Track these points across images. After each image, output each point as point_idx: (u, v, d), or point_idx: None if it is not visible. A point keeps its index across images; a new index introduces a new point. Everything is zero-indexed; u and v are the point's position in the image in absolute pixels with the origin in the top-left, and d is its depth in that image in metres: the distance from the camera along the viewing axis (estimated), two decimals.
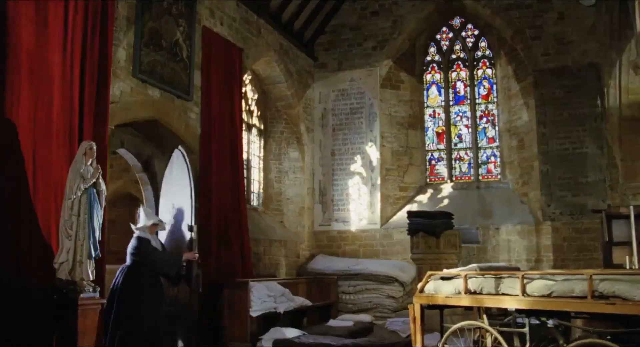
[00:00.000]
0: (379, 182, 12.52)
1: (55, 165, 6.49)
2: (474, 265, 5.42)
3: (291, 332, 8.69)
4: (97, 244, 6.27)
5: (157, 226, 7.50)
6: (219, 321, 8.30)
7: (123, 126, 8.42)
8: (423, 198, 12.76)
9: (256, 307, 8.73)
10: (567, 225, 11.45)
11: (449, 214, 9.98)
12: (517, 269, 5.67)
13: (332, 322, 10.09)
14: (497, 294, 4.87)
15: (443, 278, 5.37)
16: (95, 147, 6.44)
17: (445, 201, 12.51)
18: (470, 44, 13.40)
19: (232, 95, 9.97)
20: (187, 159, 8.25)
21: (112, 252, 10.00)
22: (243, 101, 10.80)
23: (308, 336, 8.76)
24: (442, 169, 13.17)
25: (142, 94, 8.11)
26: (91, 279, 6.21)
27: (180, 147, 8.38)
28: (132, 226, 7.33)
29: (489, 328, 4.86)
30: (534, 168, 11.89)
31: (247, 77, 11.54)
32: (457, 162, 13.15)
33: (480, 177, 12.89)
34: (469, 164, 13.05)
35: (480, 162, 12.98)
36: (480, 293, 5.00)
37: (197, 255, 7.81)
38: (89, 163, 6.38)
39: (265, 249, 10.91)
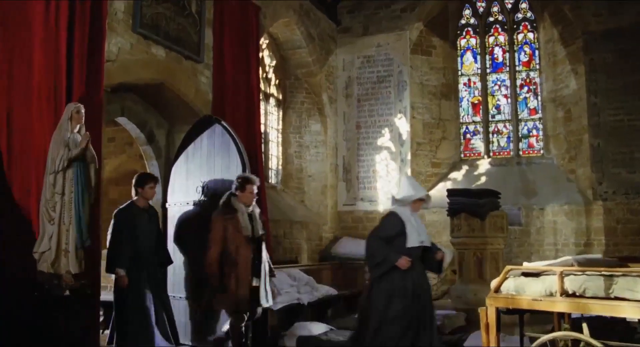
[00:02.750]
0: (409, 157, 11.33)
1: (36, 132, 5.27)
2: (568, 258, 4.12)
3: (317, 328, 7.49)
4: (87, 229, 5.04)
5: (422, 203, 5.46)
6: None
7: (123, 91, 7.18)
8: (457, 175, 11.52)
9: (278, 299, 7.52)
10: (621, 205, 10.14)
11: (495, 192, 8.72)
12: (622, 264, 4.34)
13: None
14: (608, 298, 3.58)
15: (526, 274, 4.08)
16: (83, 111, 5.19)
17: (482, 179, 11.25)
18: (509, 6, 12.04)
19: (248, 58, 8.67)
20: (236, 137, 6.92)
21: None
22: (260, 68, 9.47)
23: (337, 332, 7.56)
24: (478, 143, 11.90)
25: (144, 53, 6.85)
26: (79, 271, 4.99)
27: (222, 122, 7.07)
28: (393, 195, 5.56)
29: (597, 344, 3.56)
30: (583, 142, 10.55)
31: (263, 41, 10.27)
32: (495, 135, 11.89)
33: (521, 153, 11.59)
34: (508, 137, 11.77)
35: (520, 135, 11.69)
36: (582, 296, 3.71)
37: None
38: (76, 129, 5.13)
39: (285, 232, 9.70)
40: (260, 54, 9.81)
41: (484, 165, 11.55)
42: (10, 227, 4.93)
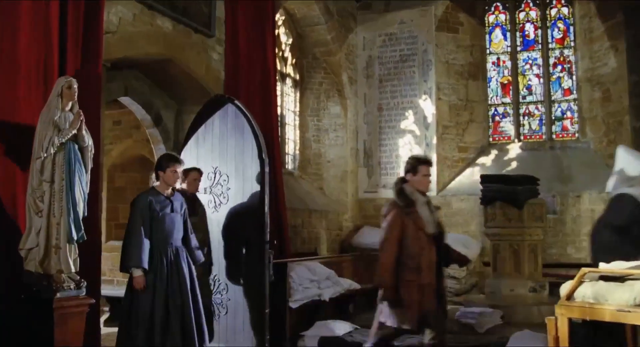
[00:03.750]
0: (434, 141, 10.59)
1: (23, 111, 4.57)
2: None
3: (340, 327, 6.80)
4: (80, 222, 4.33)
5: None
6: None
7: (126, 68, 6.46)
8: (486, 160, 10.76)
9: (297, 296, 6.85)
10: None
11: (533, 178, 7.96)
12: None
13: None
14: None
15: (605, 278, 3.30)
16: (76, 86, 4.47)
17: (513, 164, 10.45)
18: None
19: (264, 33, 7.92)
20: (251, 118, 6.19)
21: (122, 226, 8.21)
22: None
23: (362, 331, 6.85)
24: (508, 126, 11.10)
25: (149, 24, 6.13)
26: (73, 270, 4.30)
27: (235, 101, 6.32)
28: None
29: None
30: (623, 124, 9.70)
31: (279, 18, 9.51)
32: (526, 118, 11.07)
33: (554, 136, 10.76)
34: (540, 120, 10.95)
35: (553, 118, 10.87)
36: None
37: None
38: (67, 108, 4.42)
39: (303, 221, 9.00)
40: (276, 31, 9.03)
41: (514, 149, 10.75)
42: None
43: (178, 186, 5.17)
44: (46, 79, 4.76)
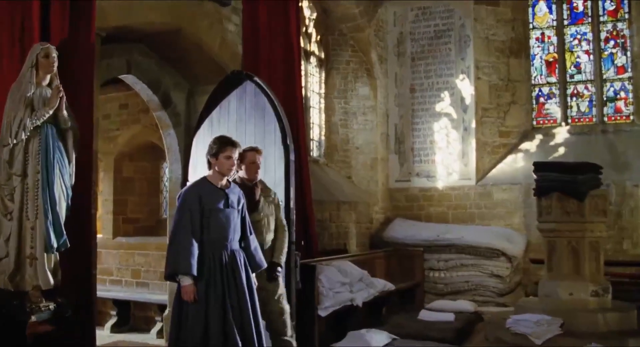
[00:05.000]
0: (473, 125, 9.60)
1: None
2: None
3: (377, 338, 5.86)
4: (62, 226, 3.41)
5: None
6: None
7: (128, 41, 5.51)
8: (530, 146, 9.73)
9: (326, 302, 5.93)
10: None
11: (595, 166, 6.85)
12: None
13: (424, 315, 7.19)
14: None
15: None
16: (55, 55, 3.52)
17: (561, 150, 9.40)
18: None
19: (286, 5, 6.91)
20: (273, 97, 5.36)
21: (130, 220, 7.42)
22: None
23: (401, 342, 5.91)
24: (553, 108, 9.98)
25: None
26: (52, 284, 3.39)
27: (255, 78, 5.49)
28: None
29: None
30: None
31: None
32: (575, 99, 9.93)
33: (606, 119, 9.66)
34: (590, 101, 9.82)
35: (605, 98, 9.73)
36: None
37: None
38: (44, 82, 3.47)
39: (331, 214, 8.06)
40: (299, 4, 8.01)
41: (561, 134, 9.67)
42: None
43: (240, 174, 4.35)
44: (23, 47, 3.82)
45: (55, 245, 3.36)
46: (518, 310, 6.92)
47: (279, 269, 4.46)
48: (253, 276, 4.03)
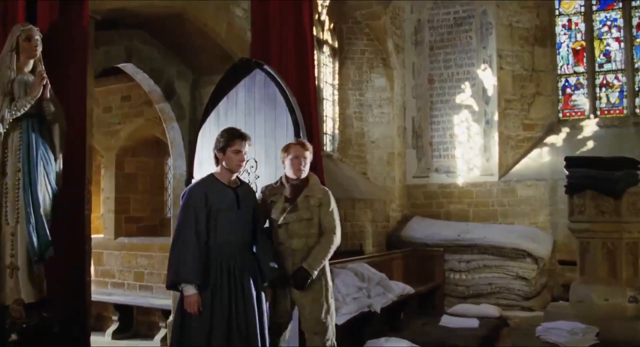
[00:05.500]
0: (496, 118, 9.20)
1: None
2: None
3: None
4: (47, 231, 3.03)
5: None
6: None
7: (129, 28, 5.13)
8: (556, 140, 9.29)
9: (343, 309, 5.52)
10: None
11: (633, 161, 6.47)
12: None
13: (446, 321, 6.81)
14: None
15: None
16: (38, 37, 3.12)
17: (589, 144, 8.97)
18: None
19: None
20: (285, 87, 4.97)
21: (133, 219, 7.08)
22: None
23: None
24: (581, 99, 9.53)
25: None
26: (36, 297, 3.01)
27: (265, 66, 5.11)
28: None
29: None
30: None
31: None
32: (604, 89, 9.47)
33: (638, 111, 9.20)
34: (621, 92, 9.36)
35: (637, 89, 9.28)
36: None
37: None
38: (26, 68, 3.09)
39: (346, 213, 7.67)
40: None
41: (589, 127, 9.22)
42: None
43: (290, 173, 3.83)
44: (6, 31, 3.44)
45: (38, 252, 2.98)
46: (548, 316, 6.52)
47: (309, 276, 3.71)
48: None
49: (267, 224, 3.88)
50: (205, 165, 5.26)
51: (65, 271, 3.51)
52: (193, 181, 4.04)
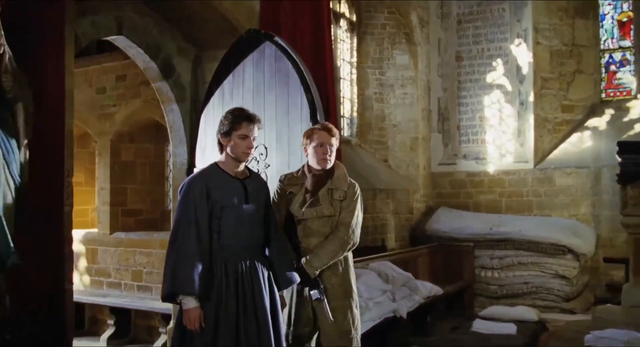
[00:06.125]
0: (531, 98, 8.69)
1: None
2: None
3: None
4: (7, 235, 2.56)
5: None
6: None
7: None
8: (599, 122, 8.75)
9: (365, 315, 5.05)
10: None
11: None
12: None
13: (479, 325, 6.33)
14: None
15: None
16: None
17: (637, 127, 8.49)
18: None
19: None
20: (299, 60, 4.51)
21: (131, 212, 6.68)
22: None
23: None
24: (627, 77, 8.94)
25: None
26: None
27: (276, 38, 4.68)
28: None
29: None
30: None
31: None
32: None
33: None
34: None
35: None
36: None
37: None
38: None
39: (366, 205, 7.10)
40: None
41: (636, 108, 8.62)
42: None
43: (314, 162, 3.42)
44: None
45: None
46: (597, 322, 6.00)
47: (307, 277, 3.31)
48: (277, 294, 3.21)
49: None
50: (208, 152, 4.96)
51: (38, 281, 3.08)
52: (195, 171, 3.59)
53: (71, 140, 3.53)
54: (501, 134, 8.79)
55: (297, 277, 3.28)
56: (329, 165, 3.42)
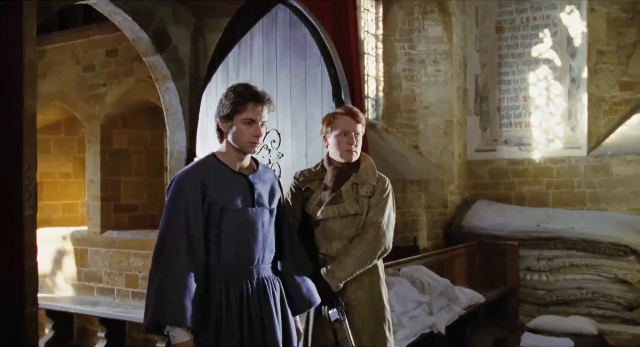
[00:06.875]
0: (584, 75, 8.15)
1: None
2: None
3: None
4: None
5: None
6: None
7: None
8: None
9: (399, 334, 4.56)
10: None
11: None
12: None
13: (530, 340, 5.96)
14: None
15: None
16: None
17: None
18: None
19: None
20: (319, 27, 4.11)
21: (125, 208, 6.38)
22: None
23: None
24: None
25: None
26: None
27: (289, 0, 4.25)
28: None
29: None
30: None
31: None
32: None
33: None
34: None
35: None
36: None
37: None
38: None
39: (396, 198, 6.61)
40: None
41: None
42: None
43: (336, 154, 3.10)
44: None
45: None
46: None
47: (330, 291, 2.92)
48: (292, 320, 2.76)
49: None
50: (211, 138, 4.44)
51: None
52: (195, 160, 3.10)
53: (33, 125, 3.03)
54: (549, 116, 8.31)
55: (317, 298, 2.82)
56: (354, 158, 3.07)
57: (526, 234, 7.45)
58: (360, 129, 3.06)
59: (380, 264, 3.11)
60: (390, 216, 3.09)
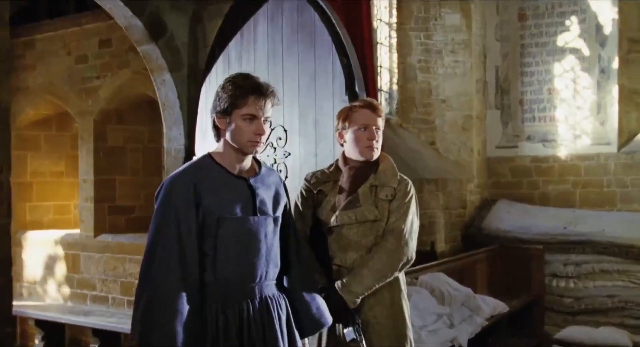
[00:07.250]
0: (615, 65, 7.95)
1: None
2: None
3: None
4: None
5: None
6: None
7: None
8: None
9: None
10: None
11: None
12: None
13: None
14: None
15: None
16: None
17: None
18: None
19: None
20: (331, 13, 3.97)
21: (120, 210, 6.39)
22: None
23: None
24: None
25: None
26: None
27: None
28: None
29: None
30: None
31: None
32: None
33: None
34: None
35: None
36: None
37: None
38: None
39: None
40: None
41: None
42: None
43: (355, 152, 3.00)
44: None
45: None
46: None
47: (346, 308, 2.77)
48: (300, 343, 2.60)
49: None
50: (212, 136, 4.29)
51: None
52: (189, 162, 2.91)
53: (7, 121, 2.79)
54: (576, 110, 8.13)
55: (328, 318, 2.64)
56: (376, 155, 2.95)
57: (552, 237, 7.25)
58: (381, 123, 2.93)
59: (401, 276, 2.96)
60: (413, 223, 2.96)
